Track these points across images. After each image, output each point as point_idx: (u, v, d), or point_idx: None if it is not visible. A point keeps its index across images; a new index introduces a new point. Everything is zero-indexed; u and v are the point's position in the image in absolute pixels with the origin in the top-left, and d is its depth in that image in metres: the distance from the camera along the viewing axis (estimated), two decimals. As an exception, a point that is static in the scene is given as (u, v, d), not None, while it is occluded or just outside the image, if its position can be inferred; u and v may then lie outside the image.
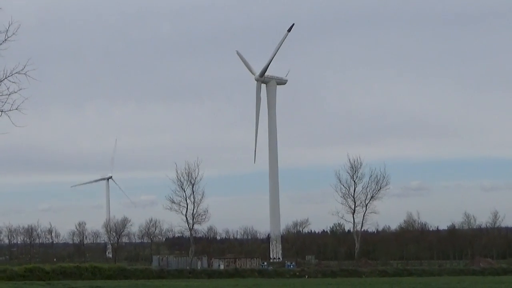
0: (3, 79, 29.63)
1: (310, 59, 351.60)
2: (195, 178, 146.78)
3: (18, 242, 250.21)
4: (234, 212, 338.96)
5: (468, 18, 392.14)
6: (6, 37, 29.01)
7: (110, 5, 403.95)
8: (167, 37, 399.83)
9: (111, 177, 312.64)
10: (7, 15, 28.61)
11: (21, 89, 29.65)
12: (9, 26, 28.79)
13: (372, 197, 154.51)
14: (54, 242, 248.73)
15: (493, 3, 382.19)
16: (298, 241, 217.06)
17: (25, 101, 29.89)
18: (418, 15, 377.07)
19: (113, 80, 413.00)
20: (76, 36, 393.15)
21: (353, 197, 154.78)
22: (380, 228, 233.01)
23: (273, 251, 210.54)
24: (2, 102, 29.62)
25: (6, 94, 29.51)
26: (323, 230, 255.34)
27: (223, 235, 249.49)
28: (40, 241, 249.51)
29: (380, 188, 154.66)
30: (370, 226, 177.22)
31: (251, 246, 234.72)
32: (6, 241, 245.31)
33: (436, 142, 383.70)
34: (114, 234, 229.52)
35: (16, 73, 29.53)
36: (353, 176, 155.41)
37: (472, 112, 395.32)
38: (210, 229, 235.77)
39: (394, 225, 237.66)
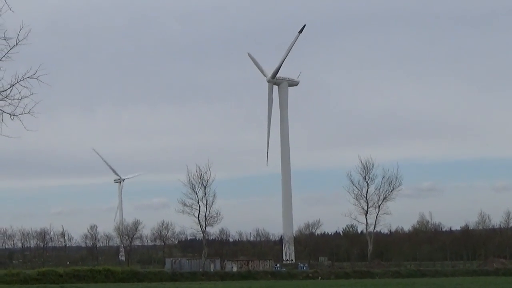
0: (15, 84, 29.60)
1: (322, 61, 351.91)
2: (207, 181, 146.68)
3: (31, 246, 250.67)
4: (247, 214, 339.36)
5: (478, 17, 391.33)
6: (17, 41, 28.97)
7: (119, 8, 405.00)
8: (177, 39, 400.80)
9: (123, 180, 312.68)
10: (18, 19, 28.62)
11: (32, 93, 29.61)
12: (20, 30, 28.76)
13: (384, 198, 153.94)
14: (67, 245, 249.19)
15: (503, 1, 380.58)
16: (310, 243, 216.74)
17: (36, 105, 29.84)
18: (427, 15, 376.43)
19: (123, 83, 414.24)
20: (86, 39, 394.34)
21: (366, 198, 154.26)
22: (393, 229, 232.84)
23: (285, 252, 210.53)
24: (14, 106, 29.57)
25: (18, 99, 29.47)
26: (336, 232, 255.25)
27: (236, 237, 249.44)
28: (53, 245, 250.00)
29: (393, 189, 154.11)
30: (383, 227, 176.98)
31: (263, 248, 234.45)
32: (19, 245, 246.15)
33: (448, 142, 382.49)
34: (126, 237, 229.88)
35: (28, 77, 29.49)
36: (365, 177, 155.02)
37: (483, 112, 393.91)
38: (223, 231, 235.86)
39: (407, 226, 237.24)
